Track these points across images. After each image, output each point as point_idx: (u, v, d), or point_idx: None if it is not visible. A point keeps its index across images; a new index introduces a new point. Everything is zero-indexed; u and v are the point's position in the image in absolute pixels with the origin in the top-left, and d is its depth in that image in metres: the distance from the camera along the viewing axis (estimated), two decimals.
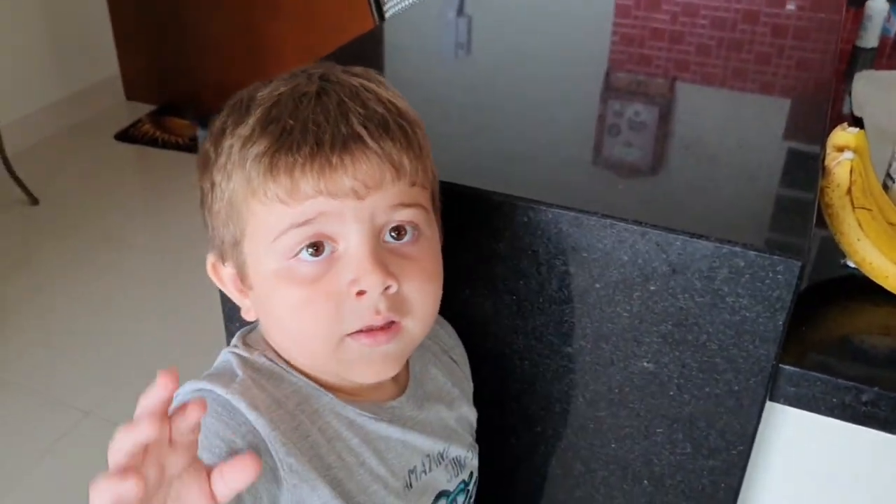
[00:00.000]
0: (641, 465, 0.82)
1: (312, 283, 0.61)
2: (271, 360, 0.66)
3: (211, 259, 0.68)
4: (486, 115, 0.95)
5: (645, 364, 0.76)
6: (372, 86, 0.63)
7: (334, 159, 0.58)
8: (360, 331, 0.62)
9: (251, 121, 0.60)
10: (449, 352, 0.81)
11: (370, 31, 1.28)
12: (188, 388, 0.63)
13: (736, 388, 0.73)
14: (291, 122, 0.59)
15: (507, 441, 0.88)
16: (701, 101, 1.07)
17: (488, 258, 0.79)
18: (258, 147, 0.59)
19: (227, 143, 0.62)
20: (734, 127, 0.95)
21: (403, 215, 0.62)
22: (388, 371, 0.65)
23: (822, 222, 0.82)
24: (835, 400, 0.72)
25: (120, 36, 3.33)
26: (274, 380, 0.65)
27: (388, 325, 0.62)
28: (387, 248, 0.62)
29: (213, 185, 0.64)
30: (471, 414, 0.80)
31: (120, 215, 2.65)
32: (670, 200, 0.77)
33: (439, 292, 0.67)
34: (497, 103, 1.00)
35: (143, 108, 3.33)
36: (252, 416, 0.61)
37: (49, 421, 1.87)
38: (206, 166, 0.65)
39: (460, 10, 1.39)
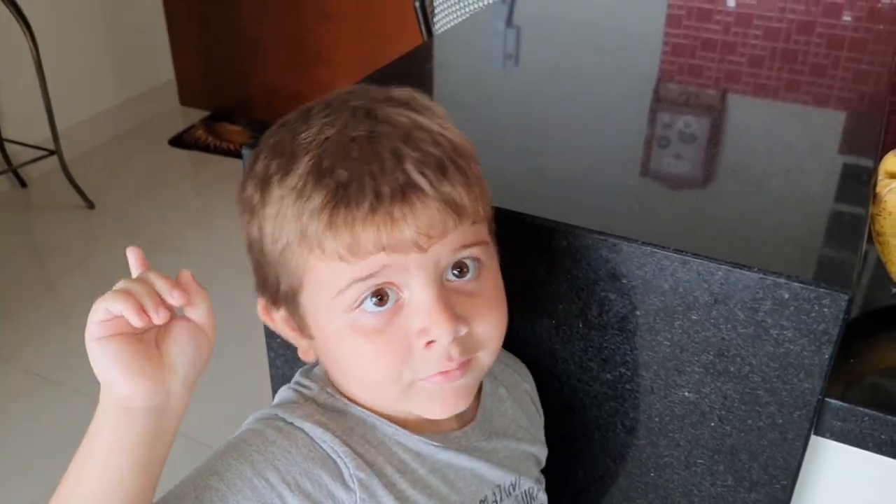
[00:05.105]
0: (681, 495, 0.80)
1: (379, 334, 0.59)
2: (331, 395, 0.66)
3: (262, 303, 0.67)
4: (529, 136, 0.94)
5: (686, 394, 0.75)
6: (422, 120, 0.60)
7: (395, 212, 0.55)
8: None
9: (300, 170, 0.57)
10: (522, 383, 0.79)
11: (418, 46, 1.28)
12: (256, 416, 0.64)
13: (780, 421, 0.72)
14: (346, 173, 0.56)
15: (545, 466, 0.87)
16: (750, 117, 1.05)
17: (527, 281, 0.78)
18: (314, 202, 0.56)
19: (276, 192, 0.59)
20: (783, 148, 0.93)
21: (466, 254, 0.61)
22: (461, 405, 0.64)
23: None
24: (883, 436, 0.70)
25: (176, 42, 3.40)
26: (336, 413, 0.65)
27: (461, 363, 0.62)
28: (450, 287, 0.60)
29: (262, 234, 0.61)
30: (540, 452, 0.78)
31: (173, 220, 2.70)
32: (714, 228, 0.75)
33: (506, 317, 0.66)
34: (541, 123, 0.99)
35: (197, 114, 3.39)
36: (317, 432, 0.61)
37: None
38: (252, 213, 0.62)
39: (509, 21, 1.39)
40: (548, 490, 0.80)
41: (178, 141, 3.18)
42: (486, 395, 0.73)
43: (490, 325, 0.63)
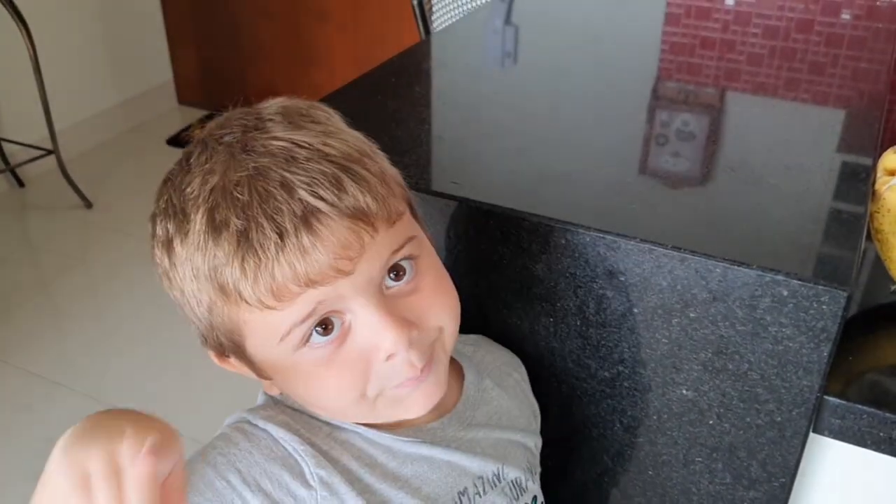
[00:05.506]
0: (679, 493, 0.80)
1: (334, 360, 0.58)
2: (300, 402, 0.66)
3: (212, 353, 0.65)
4: (527, 133, 0.94)
5: (684, 392, 0.75)
6: (300, 137, 0.57)
7: (304, 243, 0.53)
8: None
9: (196, 227, 0.56)
10: (513, 372, 0.79)
11: (416, 44, 1.28)
12: (228, 421, 0.64)
13: (778, 418, 0.71)
14: (241, 221, 0.54)
15: (542, 464, 0.86)
16: (749, 115, 1.04)
17: (526, 279, 0.78)
18: (219, 258, 0.55)
19: (181, 254, 0.57)
20: (782, 146, 0.93)
21: (398, 258, 0.59)
22: (437, 396, 0.63)
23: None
24: (881, 434, 0.70)
25: (174, 41, 3.39)
26: (305, 413, 0.65)
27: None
28: (392, 294, 0.59)
29: (184, 296, 0.60)
30: (531, 442, 0.77)
31: None
32: (712, 225, 0.75)
33: (455, 294, 0.65)
34: (539, 120, 0.98)
35: (195, 113, 3.39)
36: (279, 433, 0.61)
37: None
38: (168, 278, 0.60)
39: (507, 19, 1.39)
40: (545, 488, 0.80)
41: (176, 140, 3.17)
42: (468, 385, 0.72)
43: (440, 313, 0.62)
